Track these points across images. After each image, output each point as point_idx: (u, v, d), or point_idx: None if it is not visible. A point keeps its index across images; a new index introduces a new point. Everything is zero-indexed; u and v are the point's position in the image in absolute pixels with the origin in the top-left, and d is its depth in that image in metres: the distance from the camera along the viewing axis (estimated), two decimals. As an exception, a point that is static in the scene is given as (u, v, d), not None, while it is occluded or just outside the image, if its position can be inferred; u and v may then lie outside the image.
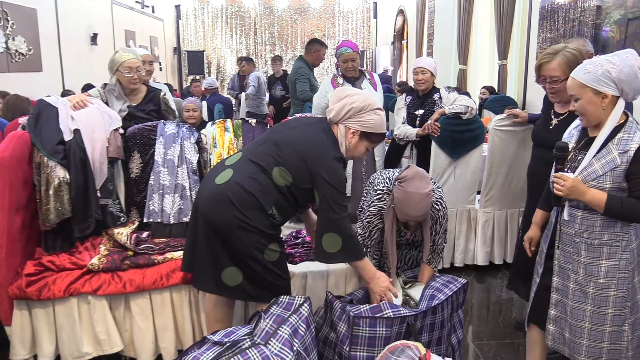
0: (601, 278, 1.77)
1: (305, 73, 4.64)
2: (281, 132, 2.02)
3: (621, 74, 1.66)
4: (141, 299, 2.28)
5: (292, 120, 2.18)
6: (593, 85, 1.70)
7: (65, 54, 6.09)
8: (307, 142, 1.93)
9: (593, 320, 1.80)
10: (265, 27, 11.86)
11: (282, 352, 1.67)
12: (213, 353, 1.65)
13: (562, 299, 1.89)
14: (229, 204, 1.86)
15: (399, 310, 1.92)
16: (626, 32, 3.77)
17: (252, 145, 2.05)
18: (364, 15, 11.87)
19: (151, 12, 9.64)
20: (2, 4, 4.86)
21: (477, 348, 2.61)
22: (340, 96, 2.00)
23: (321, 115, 3.42)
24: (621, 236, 1.76)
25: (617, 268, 1.76)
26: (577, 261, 1.82)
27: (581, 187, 1.73)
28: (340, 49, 3.30)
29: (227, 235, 1.87)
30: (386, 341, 1.88)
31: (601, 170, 1.72)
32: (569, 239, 1.84)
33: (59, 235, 2.43)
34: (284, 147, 1.93)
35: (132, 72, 2.65)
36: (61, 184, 2.31)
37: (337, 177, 1.91)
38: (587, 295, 1.80)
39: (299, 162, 1.90)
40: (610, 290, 1.77)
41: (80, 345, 2.23)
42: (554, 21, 4.81)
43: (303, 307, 1.88)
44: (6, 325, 2.24)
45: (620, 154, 1.69)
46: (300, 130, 2.00)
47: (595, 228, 1.77)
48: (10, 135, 2.28)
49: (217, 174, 1.95)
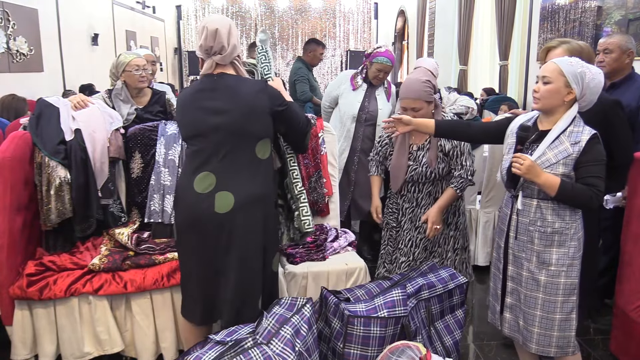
0: (552, 265, 1.86)
1: (305, 74, 4.64)
2: (217, 125, 1.88)
3: (591, 82, 1.80)
4: (142, 299, 2.28)
5: (193, 104, 1.95)
6: (569, 77, 1.79)
7: (66, 55, 6.09)
8: (250, 101, 1.88)
9: (544, 308, 1.88)
10: (266, 27, 11.86)
11: (284, 352, 1.68)
12: (215, 352, 1.66)
13: (517, 287, 1.96)
14: (254, 215, 1.92)
15: (394, 310, 1.93)
16: (627, 32, 3.77)
17: (214, 157, 1.88)
18: (365, 15, 11.86)
19: (152, 12, 9.64)
20: (3, 4, 4.86)
21: (477, 349, 2.61)
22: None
23: (329, 105, 3.53)
24: (570, 224, 1.86)
25: (566, 255, 1.86)
26: (531, 249, 1.90)
27: (538, 169, 1.80)
28: (378, 57, 3.23)
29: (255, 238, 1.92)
30: (380, 341, 1.90)
31: (554, 158, 1.81)
32: (523, 227, 1.92)
33: (60, 235, 2.43)
34: (243, 128, 1.87)
35: (140, 69, 2.66)
36: (62, 184, 2.31)
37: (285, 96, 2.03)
38: (539, 283, 1.88)
39: (264, 123, 1.93)
40: (561, 278, 1.86)
41: (81, 345, 2.23)
42: (555, 22, 4.81)
43: (305, 307, 1.89)
44: (7, 325, 2.24)
45: (572, 144, 1.80)
46: (229, 105, 1.88)
47: (547, 216, 1.86)
48: (11, 136, 2.29)
49: (210, 204, 1.84)
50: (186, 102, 1.97)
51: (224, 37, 1.87)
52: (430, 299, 2.11)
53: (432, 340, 2.11)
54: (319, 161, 2.96)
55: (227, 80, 1.91)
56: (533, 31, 5.22)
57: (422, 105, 2.26)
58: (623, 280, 2.33)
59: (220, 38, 1.86)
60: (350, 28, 11.86)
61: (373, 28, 11.73)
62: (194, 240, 1.91)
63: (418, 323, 2.03)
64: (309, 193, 2.92)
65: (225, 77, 1.92)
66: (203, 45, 1.89)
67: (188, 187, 1.90)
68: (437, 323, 2.17)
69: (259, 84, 1.97)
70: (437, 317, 2.16)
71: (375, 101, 3.35)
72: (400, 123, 2.15)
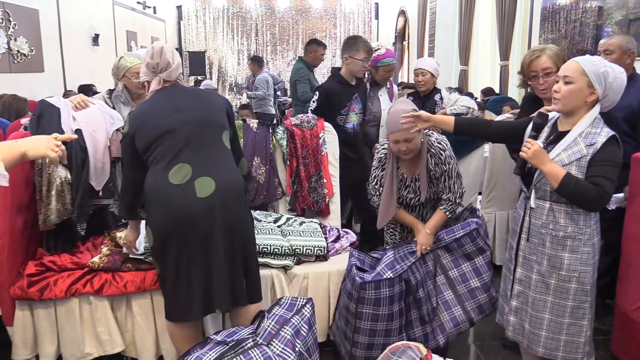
0: (563, 270, 1.81)
1: (305, 74, 4.65)
2: (182, 119, 1.95)
3: (615, 82, 1.72)
4: (142, 300, 2.28)
5: (153, 112, 2.02)
6: (592, 77, 1.72)
7: (67, 55, 6.10)
8: (206, 99, 2.07)
9: (553, 312, 1.84)
10: (266, 27, 11.87)
11: (284, 353, 1.68)
12: (216, 353, 1.66)
13: (524, 290, 1.92)
14: (240, 197, 1.98)
15: (395, 269, 2.14)
16: (628, 33, 3.77)
17: (186, 148, 1.93)
18: (365, 16, 11.87)
19: (153, 13, 9.66)
20: (4, 4, 4.87)
21: (478, 349, 2.61)
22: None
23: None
24: (584, 230, 1.79)
25: (579, 261, 1.80)
26: (542, 252, 1.85)
27: (545, 156, 1.75)
28: (384, 59, 3.26)
29: (242, 228, 1.97)
30: (390, 300, 2.09)
31: (567, 159, 1.75)
32: (535, 229, 1.87)
33: (61, 236, 2.43)
34: (208, 118, 2.00)
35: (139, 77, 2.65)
36: (63, 184, 2.31)
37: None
38: (548, 287, 1.84)
39: (223, 115, 2.06)
40: (572, 283, 1.81)
41: (81, 345, 2.23)
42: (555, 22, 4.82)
43: (305, 308, 1.89)
44: (8, 326, 2.24)
45: (587, 146, 1.73)
46: (188, 103, 2.01)
47: (560, 220, 1.80)
48: (12, 136, 2.29)
49: (190, 192, 1.86)
50: (143, 113, 2.00)
51: (169, 55, 2.00)
52: (437, 251, 2.27)
53: (439, 290, 2.27)
54: (319, 161, 2.96)
55: (180, 87, 2.07)
56: (534, 31, 5.22)
57: (414, 135, 2.18)
58: (624, 281, 2.33)
59: (166, 55, 1.99)
60: (351, 28, 11.87)
61: (374, 28, 11.74)
62: (183, 234, 1.86)
63: (421, 276, 2.21)
64: (309, 193, 2.93)
65: (176, 85, 2.06)
66: (150, 63, 1.99)
67: (163, 182, 1.87)
68: (450, 272, 2.27)
69: (209, 90, 2.12)
70: (450, 266, 2.28)
71: (378, 102, 3.36)
72: (419, 119, 2.10)
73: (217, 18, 11.66)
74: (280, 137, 2.96)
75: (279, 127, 3.01)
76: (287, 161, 2.96)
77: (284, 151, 2.95)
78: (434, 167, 2.30)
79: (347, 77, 3.16)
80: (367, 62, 3.09)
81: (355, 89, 3.19)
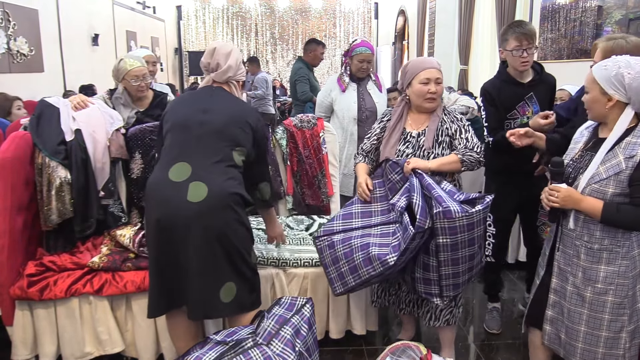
0: (599, 283, 1.75)
1: (305, 74, 4.64)
2: (202, 120, 1.97)
3: (634, 81, 1.62)
4: (142, 299, 2.28)
5: (187, 102, 2.12)
6: (602, 83, 1.68)
7: (66, 55, 6.10)
8: (238, 111, 2.04)
9: (589, 325, 1.78)
10: (266, 27, 11.88)
11: (284, 353, 1.68)
12: (216, 353, 1.66)
13: (560, 301, 1.87)
14: (230, 209, 1.87)
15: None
16: (627, 32, 3.77)
17: (193, 148, 1.94)
18: (365, 15, 11.87)
19: (152, 12, 9.65)
20: (4, 4, 4.87)
21: (478, 349, 2.61)
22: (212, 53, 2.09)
23: (324, 114, 3.42)
24: (622, 242, 1.72)
25: (615, 274, 1.73)
26: (577, 264, 1.80)
27: (575, 195, 1.71)
28: (357, 48, 3.23)
29: (229, 239, 1.86)
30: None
31: (605, 173, 1.68)
32: (569, 241, 1.83)
33: (60, 236, 2.43)
34: (225, 129, 1.96)
35: (139, 80, 2.65)
36: (63, 184, 2.31)
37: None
38: (584, 299, 1.78)
39: (245, 133, 2.01)
40: (608, 296, 1.74)
41: (81, 345, 2.23)
42: (555, 21, 4.81)
43: (305, 307, 1.89)
44: (8, 326, 2.24)
45: (626, 158, 1.65)
46: (218, 108, 2.01)
47: (595, 232, 1.74)
48: (12, 136, 2.29)
49: (183, 193, 1.83)
50: (183, 98, 2.19)
51: (221, 57, 2.05)
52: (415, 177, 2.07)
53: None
54: (321, 161, 2.97)
55: (222, 92, 2.08)
56: (533, 31, 5.21)
57: (442, 77, 2.25)
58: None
59: (217, 56, 2.05)
60: (351, 28, 11.87)
61: (373, 28, 11.74)
62: (166, 233, 1.85)
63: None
64: (317, 192, 2.93)
65: (220, 90, 2.09)
66: (203, 62, 2.09)
67: (162, 177, 1.88)
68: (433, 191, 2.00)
69: (252, 107, 2.08)
70: (432, 187, 2.02)
71: (369, 96, 3.30)
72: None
73: (216, 18, 11.66)
74: (280, 137, 2.96)
75: (279, 127, 3.01)
76: (287, 161, 2.96)
77: (284, 151, 2.95)
78: (450, 124, 2.24)
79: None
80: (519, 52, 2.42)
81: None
